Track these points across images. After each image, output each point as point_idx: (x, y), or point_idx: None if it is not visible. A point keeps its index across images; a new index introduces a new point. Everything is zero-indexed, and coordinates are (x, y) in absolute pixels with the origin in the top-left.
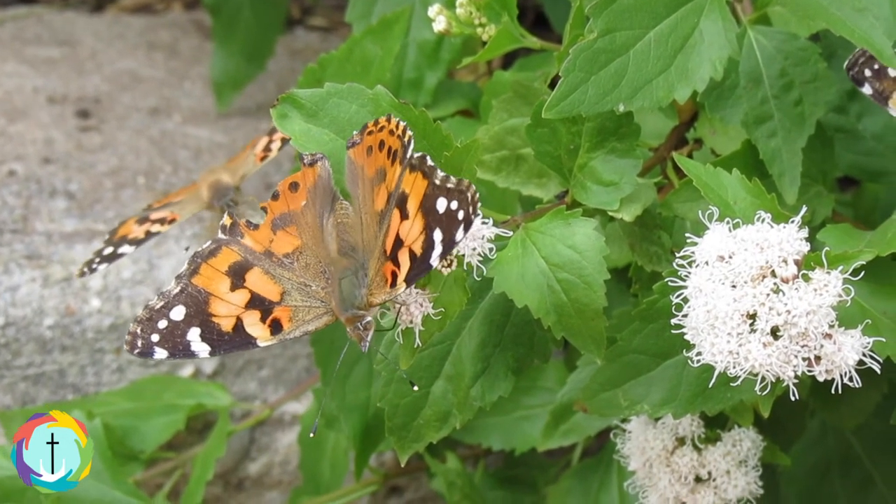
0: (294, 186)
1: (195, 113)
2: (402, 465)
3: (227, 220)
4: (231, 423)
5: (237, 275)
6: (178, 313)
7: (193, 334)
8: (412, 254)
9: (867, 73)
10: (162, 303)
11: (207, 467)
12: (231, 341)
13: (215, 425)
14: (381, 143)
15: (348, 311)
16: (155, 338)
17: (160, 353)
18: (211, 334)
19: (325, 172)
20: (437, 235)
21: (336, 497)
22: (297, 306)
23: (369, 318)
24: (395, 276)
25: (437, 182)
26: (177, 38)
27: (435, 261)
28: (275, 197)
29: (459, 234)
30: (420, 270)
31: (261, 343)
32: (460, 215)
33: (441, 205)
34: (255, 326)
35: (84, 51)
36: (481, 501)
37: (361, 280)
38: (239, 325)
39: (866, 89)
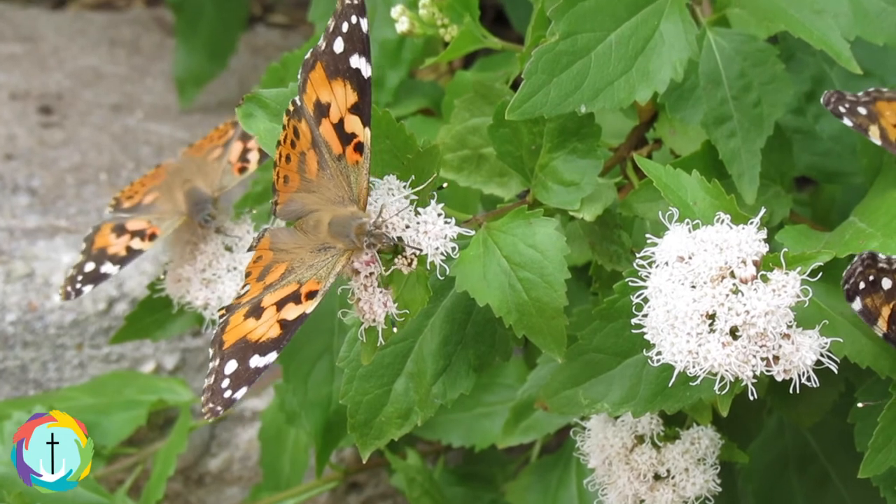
0: (257, 259)
1: (157, 109)
2: (364, 462)
3: (218, 315)
4: (192, 418)
5: (256, 311)
6: (231, 367)
7: (255, 360)
8: (354, 105)
9: (841, 109)
10: (213, 376)
11: (169, 463)
12: (287, 333)
13: (176, 421)
14: (286, 158)
15: (350, 228)
16: (227, 393)
17: (240, 394)
18: (268, 346)
19: (272, 233)
20: (356, 56)
21: (296, 493)
22: (317, 272)
23: (370, 219)
24: (358, 146)
25: (323, 47)
26: (139, 34)
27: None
28: (247, 275)
29: (354, 17)
30: (365, 102)
31: (309, 310)
32: (353, 18)
33: (338, 44)
34: (296, 310)
35: (46, 47)
36: (441, 498)
37: (342, 205)
38: (285, 322)
39: (847, 122)
